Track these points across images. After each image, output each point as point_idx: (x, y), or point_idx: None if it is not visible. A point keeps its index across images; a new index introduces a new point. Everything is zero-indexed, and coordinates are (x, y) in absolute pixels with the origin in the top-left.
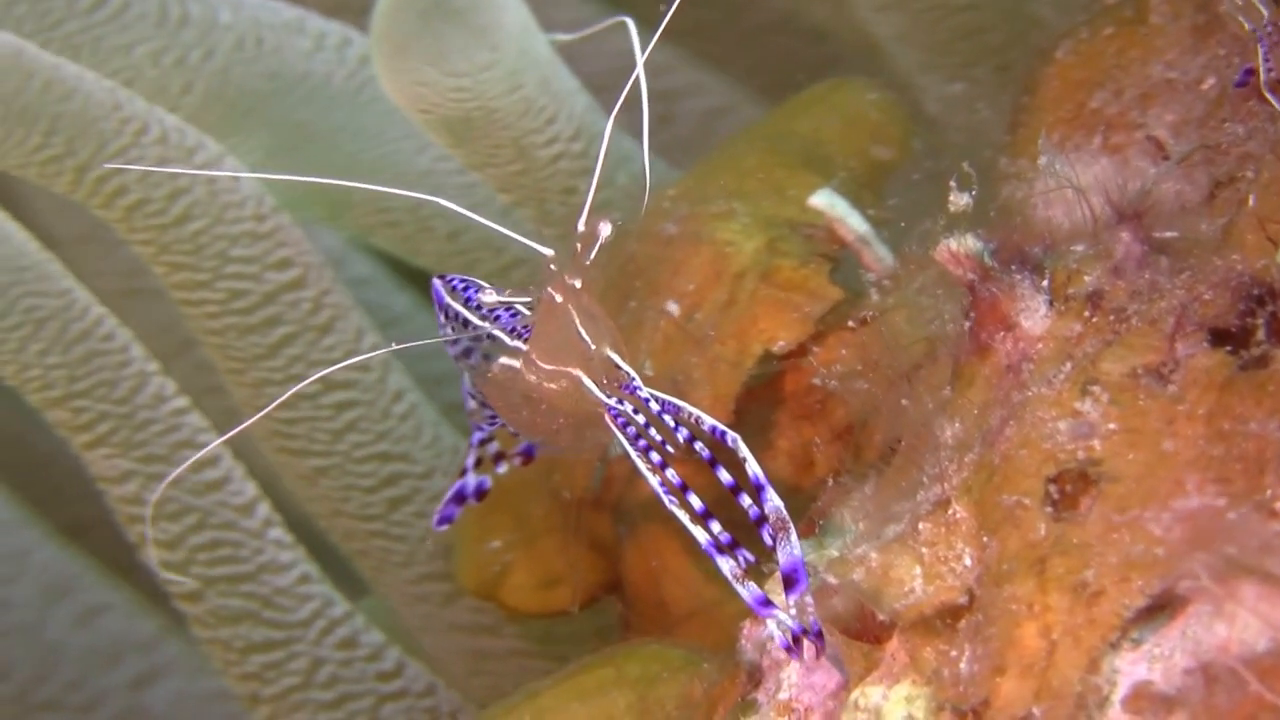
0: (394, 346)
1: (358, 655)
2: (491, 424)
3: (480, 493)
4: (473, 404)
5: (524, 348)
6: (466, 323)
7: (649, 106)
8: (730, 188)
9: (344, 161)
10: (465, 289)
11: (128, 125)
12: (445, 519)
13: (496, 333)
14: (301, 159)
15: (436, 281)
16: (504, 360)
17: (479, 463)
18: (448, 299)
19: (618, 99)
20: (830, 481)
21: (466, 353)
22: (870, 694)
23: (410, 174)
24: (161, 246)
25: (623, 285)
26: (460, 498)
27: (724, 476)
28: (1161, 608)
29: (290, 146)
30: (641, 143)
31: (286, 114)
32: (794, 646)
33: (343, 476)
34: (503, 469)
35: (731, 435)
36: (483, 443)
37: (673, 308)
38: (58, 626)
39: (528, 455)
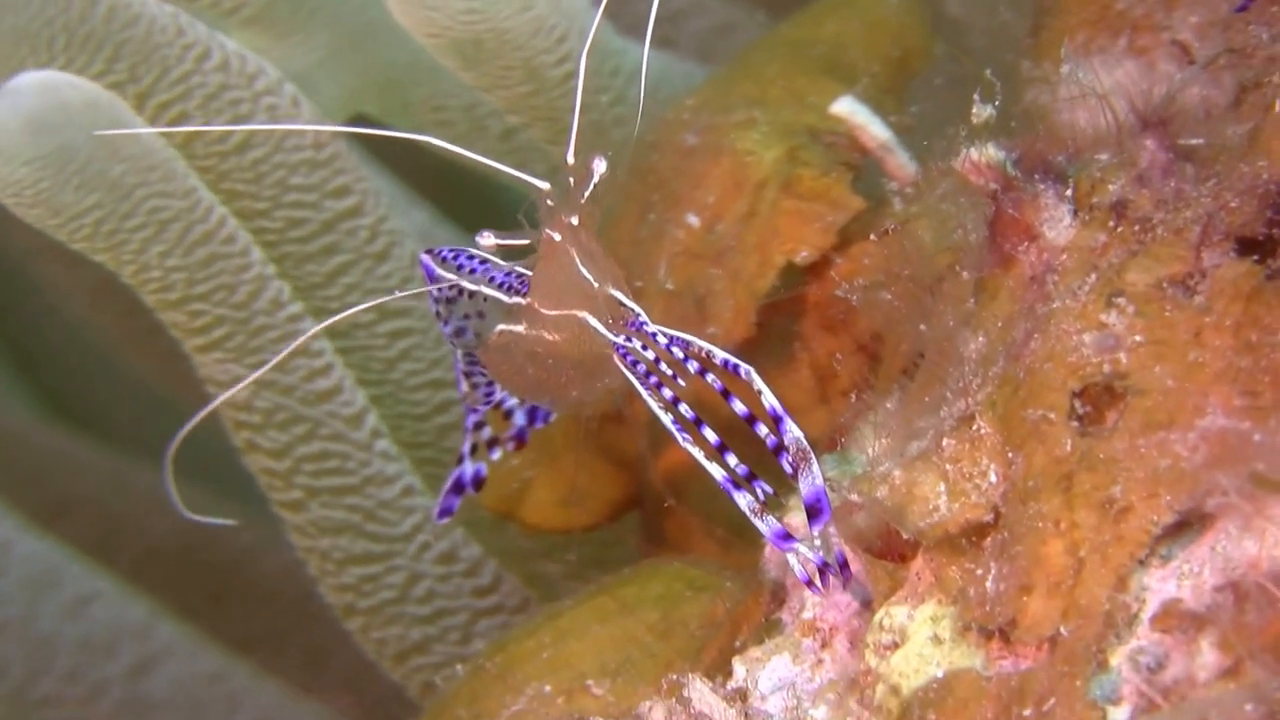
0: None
1: (455, 570)
2: (487, 402)
3: (478, 481)
4: (465, 386)
5: (523, 301)
6: (461, 292)
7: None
8: (751, 96)
9: (407, 59)
10: (455, 258)
11: (190, 51)
12: (446, 511)
13: (491, 292)
14: (364, 57)
15: (424, 256)
16: (503, 326)
17: (474, 449)
18: (438, 271)
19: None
20: (854, 396)
21: (459, 332)
22: (895, 614)
23: None
24: (221, 174)
25: (642, 198)
26: (459, 487)
27: (739, 408)
28: (1190, 524)
29: (354, 44)
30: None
31: (354, 11)
32: (814, 579)
33: (396, 405)
34: (496, 455)
35: (745, 368)
36: (478, 426)
37: (693, 220)
38: (49, 619)
39: (520, 440)
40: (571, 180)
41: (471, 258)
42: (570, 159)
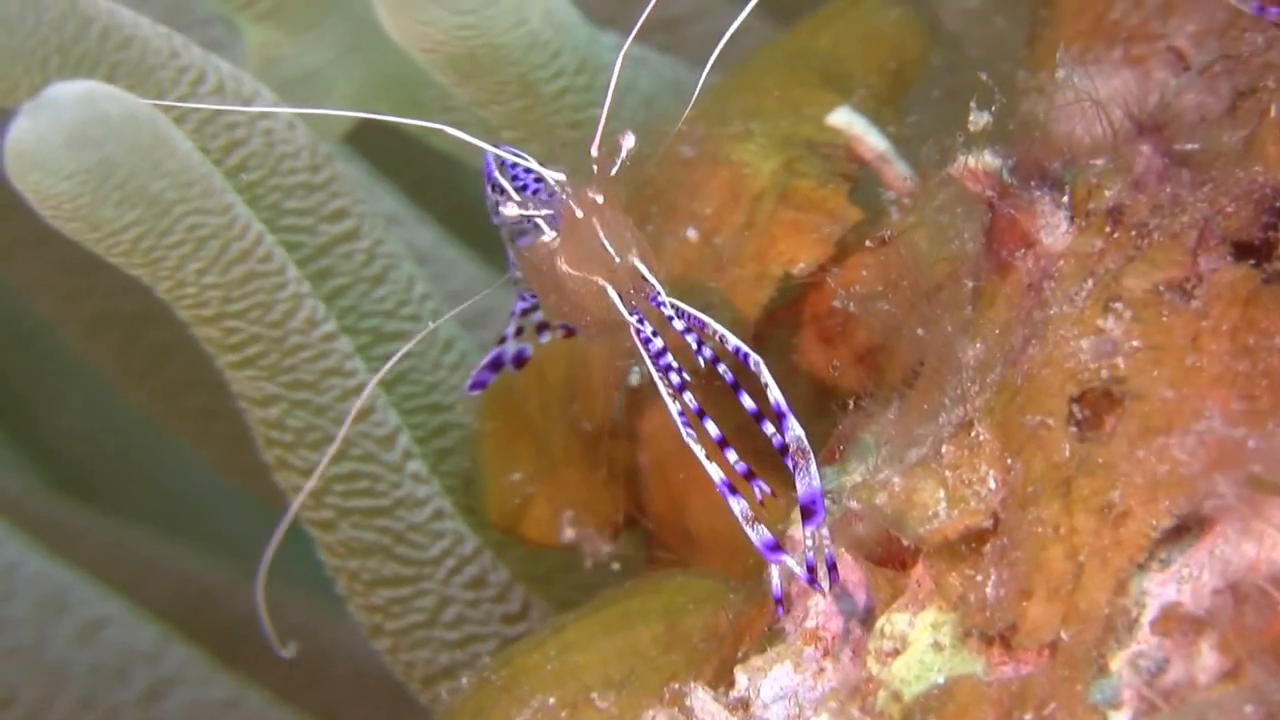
0: (445, 315)
1: (485, 595)
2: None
3: (520, 360)
4: (519, 273)
5: (556, 244)
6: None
7: (652, 35)
8: (748, 107)
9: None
10: (514, 167)
11: (185, 74)
12: (479, 384)
13: (539, 220)
14: (378, 54)
15: (490, 153)
16: (545, 239)
17: (519, 331)
18: (497, 175)
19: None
20: (852, 405)
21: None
22: (896, 621)
23: None
24: None
25: (640, 209)
26: (497, 364)
27: (747, 403)
28: (1189, 528)
29: (368, 41)
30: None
31: (368, 8)
32: (807, 592)
33: None
34: (545, 338)
35: (754, 359)
36: (525, 312)
37: (691, 233)
38: (59, 645)
39: (570, 330)
40: (596, 162)
41: (528, 172)
42: (595, 150)
